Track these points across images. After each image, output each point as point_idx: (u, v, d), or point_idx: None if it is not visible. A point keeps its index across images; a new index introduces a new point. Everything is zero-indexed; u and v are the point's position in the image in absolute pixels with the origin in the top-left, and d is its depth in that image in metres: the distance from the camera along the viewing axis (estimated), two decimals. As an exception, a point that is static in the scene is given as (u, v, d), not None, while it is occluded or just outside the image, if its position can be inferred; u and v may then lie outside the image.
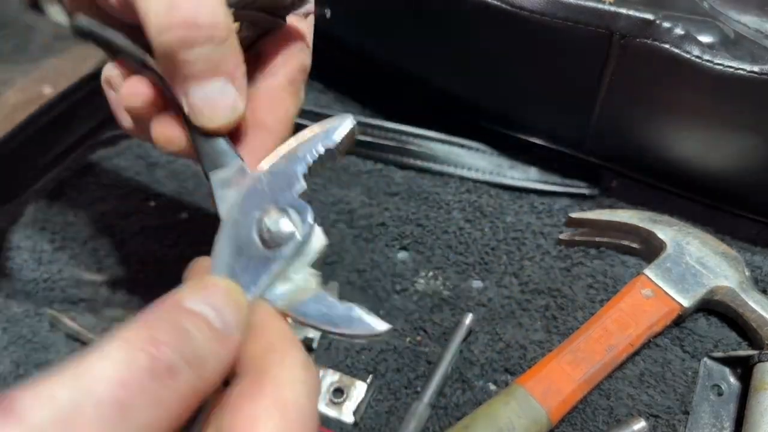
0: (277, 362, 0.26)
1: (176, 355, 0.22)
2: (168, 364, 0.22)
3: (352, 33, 0.65)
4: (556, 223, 0.59)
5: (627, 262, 0.56)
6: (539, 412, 0.44)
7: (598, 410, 0.47)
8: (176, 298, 0.25)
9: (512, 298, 0.54)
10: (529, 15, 0.49)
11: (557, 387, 0.46)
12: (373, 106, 0.68)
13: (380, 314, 0.52)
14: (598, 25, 0.48)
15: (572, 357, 0.47)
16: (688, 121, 0.51)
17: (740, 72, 0.46)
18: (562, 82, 0.54)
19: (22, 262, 0.54)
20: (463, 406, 0.48)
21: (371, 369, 0.49)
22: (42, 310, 0.52)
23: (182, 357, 0.22)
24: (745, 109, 0.48)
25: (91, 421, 0.20)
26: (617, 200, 0.61)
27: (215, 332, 0.24)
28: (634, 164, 0.59)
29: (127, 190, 0.60)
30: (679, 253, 0.52)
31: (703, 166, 0.54)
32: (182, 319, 0.24)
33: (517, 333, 0.52)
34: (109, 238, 0.56)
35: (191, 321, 0.24)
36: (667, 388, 0.48)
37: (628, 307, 0.50)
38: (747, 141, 0.50)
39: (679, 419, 0.47)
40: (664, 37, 0.47)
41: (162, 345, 0.22)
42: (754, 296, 0.50)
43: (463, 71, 0.59)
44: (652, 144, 0.55)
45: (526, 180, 0.61)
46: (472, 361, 0.50)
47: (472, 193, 0.61)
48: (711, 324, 0.52)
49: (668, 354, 0.50)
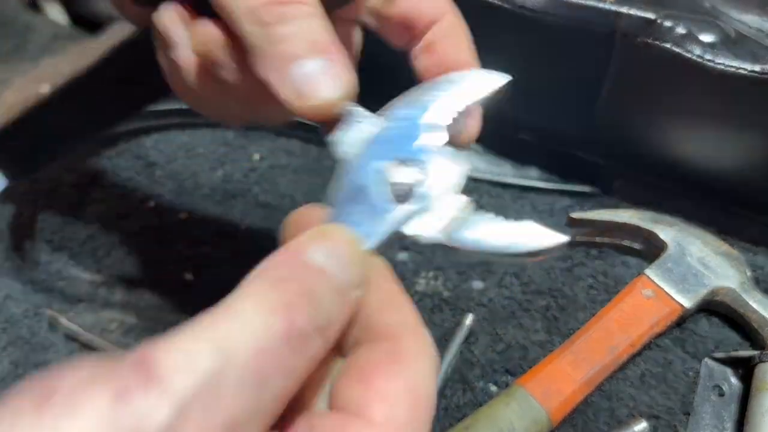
0: (411, 332, 0.24)
1: (309, 322, 0.21)
2: (302, 332, 0.20)
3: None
4: (557, 223, 0.58)
5: (628, 262, 0.56)
6: (540, 413, 0.44)
7: (599, 411, 0.47)
8: (299, 249, 0.23)
9: (513, 299, 0.54)
10: (530, 14, 0.49)
11: (558, 388, 0.46)
12: (373, 107, 0.68)
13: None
14: (600, 25, 0.48)
15: (573, 358, 0.47)
16: (689, 121, 0.51)
17: (741, 71, 0.46)
18: (563, 81, 0.54)
19: (21, 262, 0.54)
20: (463, 407, 0.47)
21: (371, 370, 0.49)
22: (41, 310, 0.52)
23: (313, 323, 0.21)
24: (747, 109, 0.48)
25: (234, 392, 0.18)
26: (618, 200, 0.61)
27: (340, 292, 0.23)
28: (636, 164, 0.59)
29: (126, 190, 0.60)
30: (680, 254, 0.52)
31: (704, 166, 0.54)
32: (310, 278, 0.22)
33: (518, 334, 0.51)
34: (108, 238, 0.56)
35: (318, 280, 0.22)
36: (668, 388, 0.48)
37: (629, 307, 0.50)
38: (748, 140, 0.50)
39: (680, 420, 0.47)
40: (666, 36, 0.47)
41: (296, 310, 0.21)
42: (756, 297, 0.50)
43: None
44: (653, 143, 0.54)
45: (527, 179, 0.61)
46: (473, 362, 0.50)
47: (473, 193, 0.61)
48: (712, 324, 0.52)
49: (669, 354, 0.50)
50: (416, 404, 0.22)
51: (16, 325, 0.51)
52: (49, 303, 0.52)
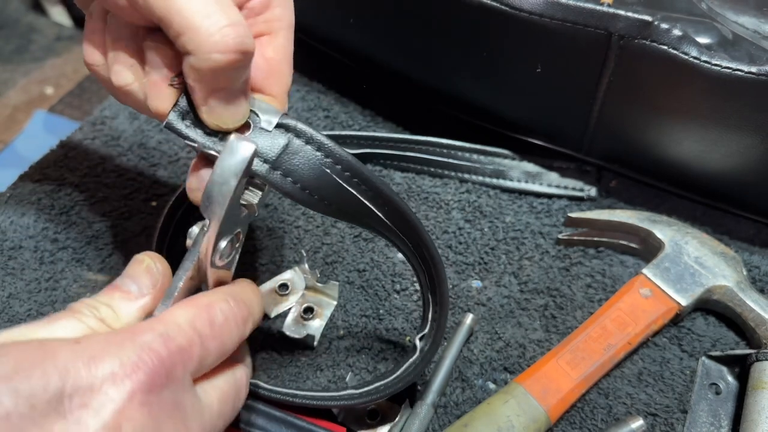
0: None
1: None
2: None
3: (352, 35, 0.65)
4: (555, 223, 0.59)
5: (626, 261, 0.56)
6: (538, 411, 0.45)
7: (597, 409, 0.48)
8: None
9: (511, 298, 0.54)
10: (527, 16, 0.49)
11: (556, 386, 0.46)
12: (374, 107, 0.69)
13: (380, 314, 0.53)
14: (597, 27, 0.48)
15: (571, 356, 0.48)
16: (686, 122, 0.51)
17: (738, 73, 0.46)
18: (560, 84, 0.54)
19: (24, 262, 0.55)
20: (462, 405, 0.48)
21: (371, 368, 0.50)
22: (44, 309, 0.52)
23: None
24: (743, 110, 0.48)
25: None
26: (616, 200, 0.61)
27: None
28: (633, 164, 0.59)
29: (130, 190, 0.60)
30: (677, 253, 0.53)
31: (701, 167, 0.54)
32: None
33: (517, 332, 0.52)
34: (111, 238, 0.56)
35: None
36: (665, 386, 0.49)
37: (626, 306, 0.50)
38: (745, 141, 0.50)
39: (677, 418, 0.47)
40: (662, 38, 0.47)
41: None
42: (752, 295, 0.50)
43: (463, 73, 0.59)
44: (650, 144, 0.55)
45: (525, 181, 0.61)
46: (472, 360, 0.50)
47: (472, 194, 0.61)
48: (709, 323, 0.52)
49: (666, 353, 0.51)
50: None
51: (19, 325, 0.52)
52: (53, 303, 0.53)
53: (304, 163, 0.34)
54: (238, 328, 0.35)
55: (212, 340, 0.32)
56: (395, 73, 0.65)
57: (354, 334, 0.51)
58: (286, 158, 0.34)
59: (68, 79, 1.66)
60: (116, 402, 0.27)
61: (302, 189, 0.34)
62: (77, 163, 0.62)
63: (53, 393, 0.26)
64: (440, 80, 0.62)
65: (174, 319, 0.31)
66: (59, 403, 0.26)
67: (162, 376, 0.29)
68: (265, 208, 0.60)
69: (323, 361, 0.50)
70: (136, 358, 0.28)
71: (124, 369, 0.28)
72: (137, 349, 0.29)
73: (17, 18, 1.05)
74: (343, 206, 0.36)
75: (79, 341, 0.28)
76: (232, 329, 0.34)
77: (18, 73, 1.60)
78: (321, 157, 0.34)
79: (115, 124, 0.66)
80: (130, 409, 0.27)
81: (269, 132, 0.34)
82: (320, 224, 0.58)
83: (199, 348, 0.31)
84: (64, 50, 1.64)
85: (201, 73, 0.32)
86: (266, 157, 0.34)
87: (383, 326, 0.52)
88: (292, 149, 0.34)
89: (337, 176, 0.35)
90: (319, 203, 0.35)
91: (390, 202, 0.36)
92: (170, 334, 0.30)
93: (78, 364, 0.27)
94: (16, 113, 1.59)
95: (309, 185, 0.35)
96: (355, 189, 0.35)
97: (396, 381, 0.43)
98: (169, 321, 0.31)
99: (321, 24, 0.67)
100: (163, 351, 0.29)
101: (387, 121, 0.68)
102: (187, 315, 0.32)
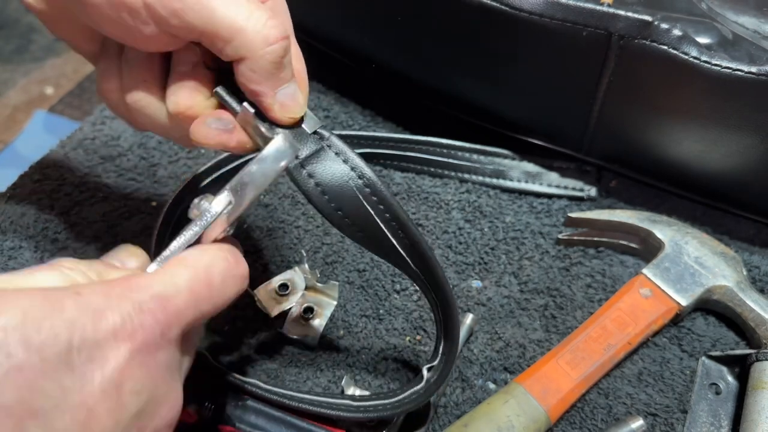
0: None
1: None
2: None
3: (352, 34, 0.65)
4: (555, 223, 0.59)
5: (626, 261, 0.56)
6: (538, 411, 0.45)
7: (597, 409, 0.48)
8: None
9: (511, 298, 0.54)
10: (527, 17, 0.49)
11: (556, 386, 0.46)
12: (374, 107, 0.69)
13: (380, 314, 0.53)
14: (597, 27, 0.48)
15: (571, 356, 0.48)
16: (686, 122, 0.51)
17: (738, 73, 0.46)
18: (560, 84, 0.54)
19: (24, 262, 0.55)
20: (462, 405, 0.48)
21: (371, 368, 0.50)
22: (44, 309, 0.52)
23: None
24: (743, 110, 0.48)
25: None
26: (616, 200, 0.61)
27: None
28: (633, 164, 0.59)
29: (130, 190, 0.60)
30: (677, 253, 0.53)
31: (701, 167, 0.54)
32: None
33: (517, 332, 0.52)
34: (111, 238, 0.56)
35: None
36: (665, 386, 0.49)
37: (626, 306, 0.50)
38: (745, 141, 0.50)
39: (677, 418, 0.47)
40: (662, 38, 0.47)
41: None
42: (752, 295, 0.50)
43: (463, 73, 0.59)
44: (650, 144, 0.55)
45: (525, 181, 0.61)
46: (472, 360, 0.50)
47: (472, 194, 0.61)
48: (709, 323, 0.52)
49: (666, 353, 0.51)
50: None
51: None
52: (53, 302, 0.53)
53: (330, 169, 0.36)
54: (235, 286, 0.35)
55: (207, 301, 0.33)
56: (395, 73, 0.65)
57: (354, 334, 0.51)
58: (315, 161, 0.36)
59: (68, 79, 1.66)
60: (118, 359, 0.28)
61: (322, 193, 0.36)
62: (77, 163, 0.62)
63: (63, 346, 0.26)
64: (440, 80, 0.62)
65: (173, 279, 0.31)
66: (68, 356, 0.26)
67: (158, 336, 0.29)
68: (265, 208, 0.60)
69: (323, 361, 0.50)
70: (136, 318, 0.29)
71: (124, 327, 0.28)
72: (137, 307, 0.29)
73: (17, 18, 1.06)
74: (357, 221, 0.37)
75: (80, 293, 0.28)
76: (228, 290, 0.34)
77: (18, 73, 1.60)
78: (347, 170, 0.36)
79: (115, 124, 0.66)
80: (131, 368, 0.28)
81: (308, 135, 0.37)
82: (320, 224, 0.58)
83: (194, 310, 0.32)
84: (64, 50, 1.64)
85: (262, 72, 0.34)
86: (297, 155, 0.36)
87: (383, 326, 0.52)
88: (322, 155, 0.37)
89: (357, 190, 0.36)
90: (334, 213, 0.37)
91: (405, 229, 0.37)
92: (168, 295, 0.30)
93: (84, 319, 0.27)
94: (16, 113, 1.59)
95: (329, 191, 0.36)
96: (372, 207, 0.37)
97: (396, 405, 0.43)
98: (168, 281, 0.31)
99: (321, 24, 0.67)
100: (161, 314, 0.30)
101: (387, 121, 0.68)
102: (186, 276, 0.32)
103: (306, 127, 0.37)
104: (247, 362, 0.50)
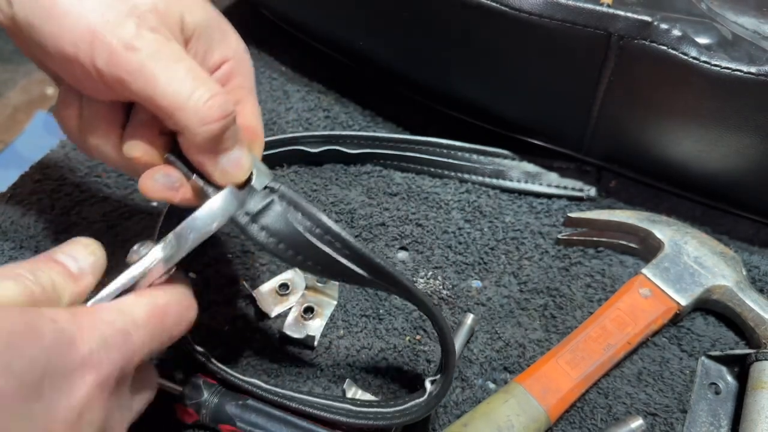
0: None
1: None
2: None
3: (351, 35, 0.65)
4: (554, 223, 0.59)
5: (625, 261, 0.56)
6: (538, 411, 0.45)
7: (597, 409, 0.48)
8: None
9: (511, 298, 0.54)
10: (527, 17, 0.49)
11: (556, 385, 0.46)
12: (374, 107, 0.69)
13: (380, 314, 0.53)
14: (596, 27, 0.48)
15: (571, 356, 0.48)
16: (685, 122, 0.51)
17: (737, 73, 0.46)
18: (560, 84, 0.54)
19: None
20: (462, 405, 0.48)
21: (371, 368, 0.50)
22: (45, 309, 0.52)
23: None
24: (743, 110, 0.48)
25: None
26: (615, 200, 0.61)
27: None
28: (632, 164, 0.59)
29: (130, 190, 0.60)
30: (676, 253, 0.53)
31: (700, 167, 0.55)
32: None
33: (516, 332, 0.52)
34: (112, 238, 0.56)
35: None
36: (664, 386, 0.49)
37: (626, 306, 0.50)
38: (745, 141, 0.50)
39: (677, 417, 0.47)
40: (662, 38, 0.47)
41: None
42: (752, 295, 0.50)
43: (462, 73, 0.59)
44: (650, 144, 0.55)
45: (525, 181, 0.61)
46: (472, 359, 0.50)
47: (471, 194, 0.61)
48: (708, 323, 0.52)
49: (666, 353, 0.51)
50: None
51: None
52: (54, 302, 0.53)
53: (280, 220, 0.38)
54: (183, 329, 0.36)
55: (158, 340, 0.34)
56: (395, 73, 0.66)
57: (354, 334, 0.52)
58: (265, 214, 0.38)
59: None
60: (82, 390, 0.28)
61: (278, 242, 0.38)
62: (77, 163, 0.62)
63: (38, 373, 0.26)
64: (440, 80, 0.62)
65: (132, 314, 0.32)
66: (40, 383, 0.27)
67: (119, 371, 0.30)
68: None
69: (323, 361, 0.50)
70: (103, 350, 0.29)
71: (92, 358, 0.29)
72: (103, 340, 0.30)
73: (17, 18, 1.06)
74: (319, 261, 0.38)
75: (55, 320, 0.28)
76: (175, 331, 0.35)
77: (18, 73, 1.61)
78: (298, 217, 0.38)
79: (116, 124, 0.66)
80: (91, 399, 0.29)
81: (258, 191, 0.38)
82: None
83: (148, 348, 0.33)
84: (64, 50, 1.63)
85: (199, 146, 0.35)
86: (248, 211, 0.38)
87: (383, 326, 0.52)
88: (272, 207, 0.38)
89: (311, 234, 0.37)
90: (294, 258, 0.38)
91: (364, 258, 0.38)
92: (129, 330, 0.31)
93: (60, 348, 0.28)
94: (17, 113, 1.59)
95: (284, 240, 0.38)
96: (328, 246, 0.38)
97: (397, 414, 0.43)
98: (127, 315, 0.32)
99: (321, 24, 0.67)
100: (123, 348, 0.31)
101: (387, 121, 0.68)
102: (145, 313, 0.33)
103: (256, 184, 0.38)
104: (247, 362, 0.50)
